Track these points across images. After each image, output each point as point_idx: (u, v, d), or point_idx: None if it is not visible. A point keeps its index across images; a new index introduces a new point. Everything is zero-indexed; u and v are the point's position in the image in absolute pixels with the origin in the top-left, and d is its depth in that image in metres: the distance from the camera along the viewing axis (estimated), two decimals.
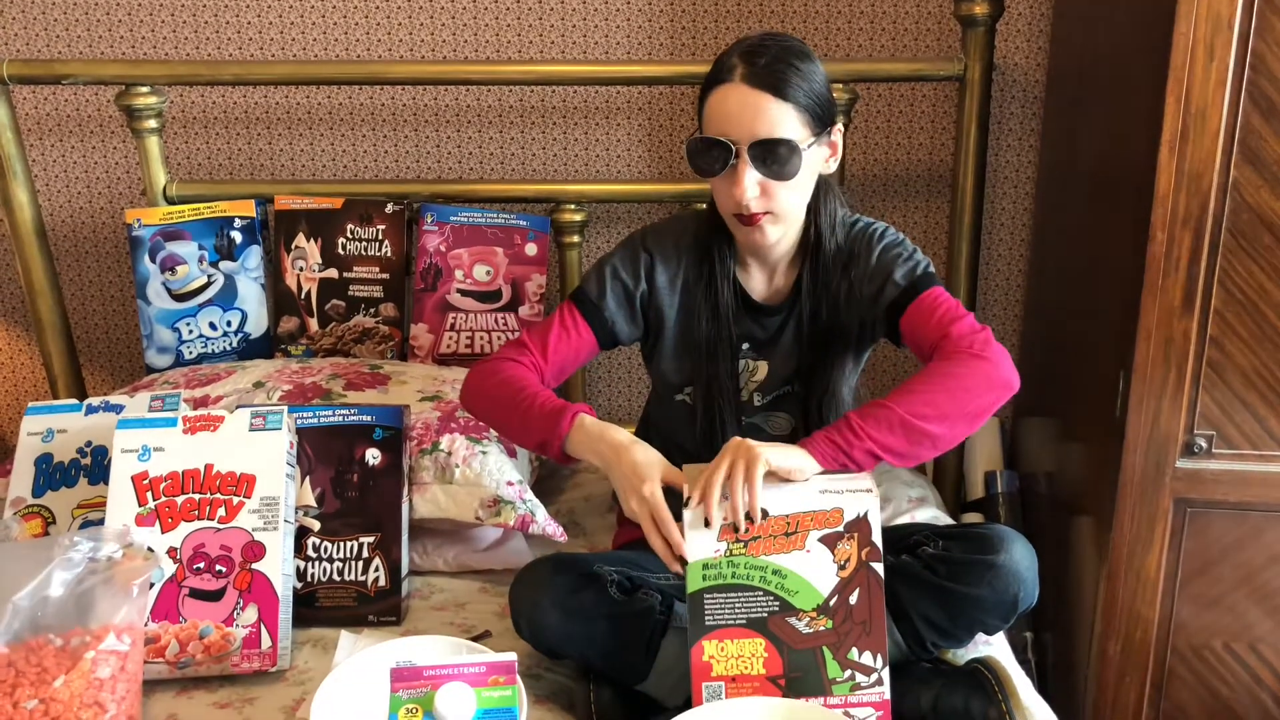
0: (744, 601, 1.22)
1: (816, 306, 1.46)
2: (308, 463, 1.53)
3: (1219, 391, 1.51)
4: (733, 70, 1.34)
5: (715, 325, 1.45)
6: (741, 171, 1.33)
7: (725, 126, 1.33)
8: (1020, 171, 2.08)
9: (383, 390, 1.70)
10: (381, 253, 1.96)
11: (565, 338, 1.45)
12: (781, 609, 1.23)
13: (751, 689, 1.21)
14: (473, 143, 2.13)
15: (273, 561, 1.41)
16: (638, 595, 1.34)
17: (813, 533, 1.23)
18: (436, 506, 1.58)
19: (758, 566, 1.23)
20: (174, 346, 1.95)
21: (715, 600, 1.22)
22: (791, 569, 1.23)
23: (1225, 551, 1.57)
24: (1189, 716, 1.64)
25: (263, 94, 2.11)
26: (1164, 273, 1.46)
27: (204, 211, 1.95)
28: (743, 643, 1.22)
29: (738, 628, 1.22)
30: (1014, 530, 1.35)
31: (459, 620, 1.53)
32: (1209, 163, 1.42)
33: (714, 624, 1.22)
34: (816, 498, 1.24)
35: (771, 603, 1.23)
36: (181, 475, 1.44)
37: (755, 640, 1.22)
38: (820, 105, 1.35)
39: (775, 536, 1.23)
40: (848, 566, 1.23)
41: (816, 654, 1.22)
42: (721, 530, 1.23)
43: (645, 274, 1.47)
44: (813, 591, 1.23)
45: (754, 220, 1.36)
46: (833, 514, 1.24)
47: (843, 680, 1.22)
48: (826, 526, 1.24)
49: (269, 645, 1.39)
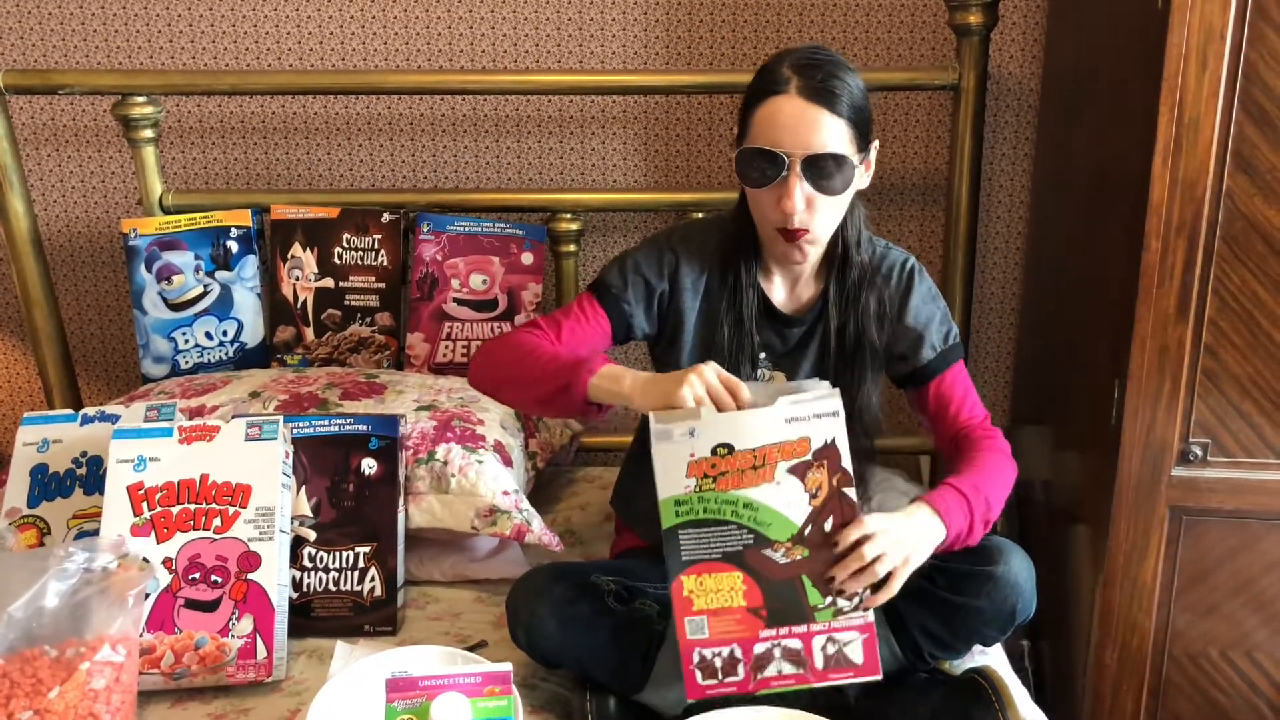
0: (718, 536, 1.22)
1: (844, 322, 1.45)
2: (303, 472, 1.53)
3: (1214, 399, 1.51)
4: (786, 82, 1.31)
5: (738, 333, 1.43)
6: (792, 184, 1.30)
7: (778, 138, 1.31)
8: (1015, 180, 2.09)
9: (379, 399, 1.70)
10: (377, 262, 1.96)
11: (582, 324, 1.43)
12: (756, 542, 1.22)
13: (734, 620, 1.21)
14: (469, 152, 2.13)
15: (268, 572, 1.41)
16: (635, 605, 1.34)
17: (781, 464, 1.22)
18: (432, 516, 1.57)
19: (729, 501, 1.22)
20: (170, 356, 1.94)
21: (689, 536, 1.22)
22: (762, 501, 1.22)
23: (1221, 559, 1.57)
24: None
25: (259, 103, 2.12)
26: (1158, 281, 1.46)
27: (200, 221, 1.95)
28: (720, 576, 1.21)
29: (714, 562, 1.21)
30: (1011, 541, 1.35)
31: (455, 630, 1.53)
32: (1202, 171, 1.42)
33: (690, 559, 1.21)
34: (783, 427, 1.22)
35: (745, 536, 1.22)
36: (177, 485, 1.44)
37: (733, 574, 1.22)
38: (864, 120, 1.35)
39: (743, 470, 1.22)
40: (819, 495, 1.23)
41: (796, 583, 1.22)
42: (690, 467, 1.22)
43: (669, 274, 1.45)
44: (786, 523, 1.22)
45: (797, 236, 1.34)
46: (799, 444, 1.22)
47: (824, 607, 1.22)
48: (795, 457, 1.22)
49: (264, 656, 1.39)
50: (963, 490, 1.32)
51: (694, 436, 1.21)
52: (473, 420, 1.69)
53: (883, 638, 1.32)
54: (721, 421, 1.21)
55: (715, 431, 1.21)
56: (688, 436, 1.21)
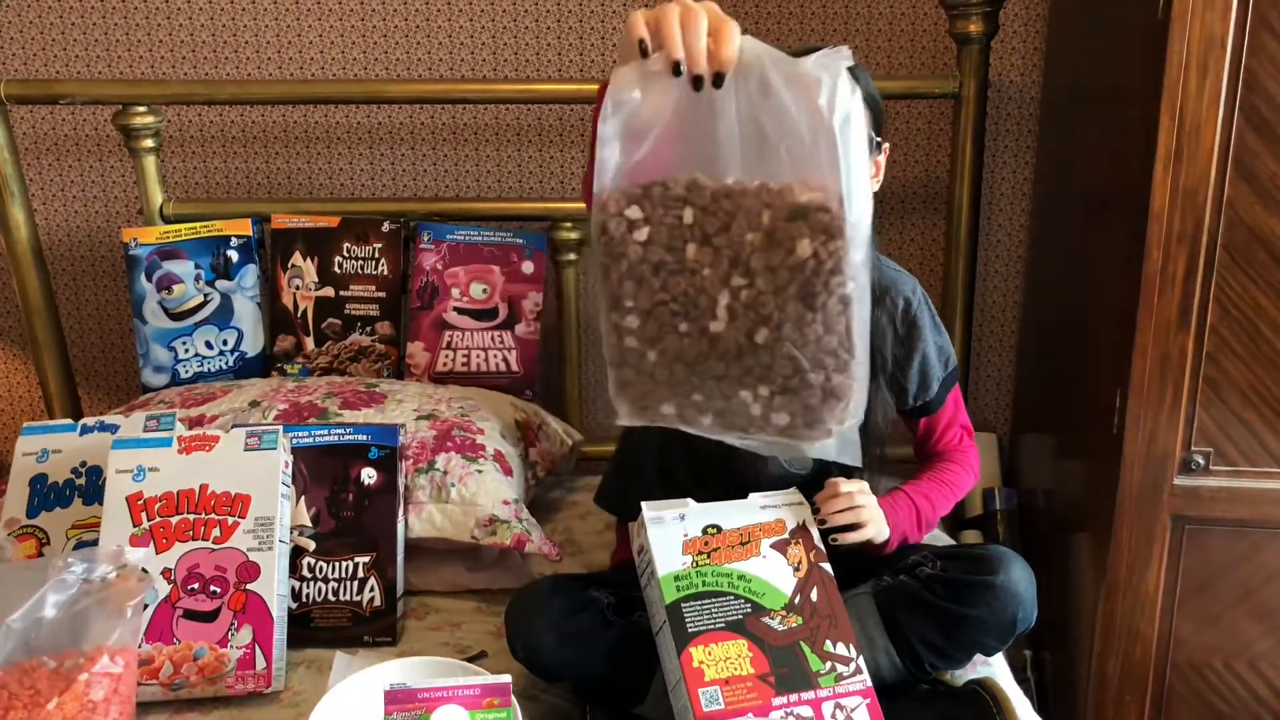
0: (719, 606, 1.27)
1: None
2: (303, 482, 1.53)
3: (1216, 408, 1.50)
4: None
5: None
6: None
7: None
8: (1016, 189, 2.09)
9: (379, 409, 1.70)
10: (378, 271, 1.96)
11: None
12: (754, 610, 1.27)
13: (746, 689, 1.23)
14: (469, 160, 2.13)
15: (267, 582, 1.40)
16: (634, 618, 1.34)
17: (764, 540, 1.33)
18: (432, 526, 1.57)
19: (724, 573, 1.29)
20: (170, 366, 1.94)
21: (692, 608, 1.26)
22: (754, 573, 1.30)
23: (1224, 569, 1.56)
24: None
25: (260, 112, 2.12)
26: (1160, 290, 1.45)
27: (200, 230, 1.95)
28: (727, 645, 1.24)
29: (719, 631, 1.25)
30: (1012, 550, 1.35)
31: (455, 640, 1.52)
32: (1203, 180, 1.41)
33: (696, 630, 1.24)
34: (759, 512, 1.35)
35: (744, 605, 1.27)
36: (176, 495, 1.43)
37: (738, 641, 1.25)
38: (877, 109, 1.34)
39: (732, 546, 1.31)
40: (801, 569, 1.31)
41: (796, 649, 1.26)
42: (685, 545, 1.29)
43: None
44: (777, 593, 1.29)
45: None
46: (776, 524, 1.34)
47: (825, 672, 1.25)
48: (774, 535, 1.34)
49: (264, 667, 1.38)
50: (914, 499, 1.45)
51: (684, 520, 1.31)
52: (473, 430, 1.68)
53: (882, 648, 1.32)
54: (707, 509, 1.33)
55: (703, 517, 1.32)
56: (679, 520, 1.31)
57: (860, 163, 0.89)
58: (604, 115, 0.89)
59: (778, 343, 0.93)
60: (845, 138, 0.88)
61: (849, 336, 0.92)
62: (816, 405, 0.95)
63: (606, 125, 0.89)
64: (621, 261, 0.93)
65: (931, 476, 1.52)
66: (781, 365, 0.94)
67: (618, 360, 0.95)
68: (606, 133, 0.90)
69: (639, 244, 0.93)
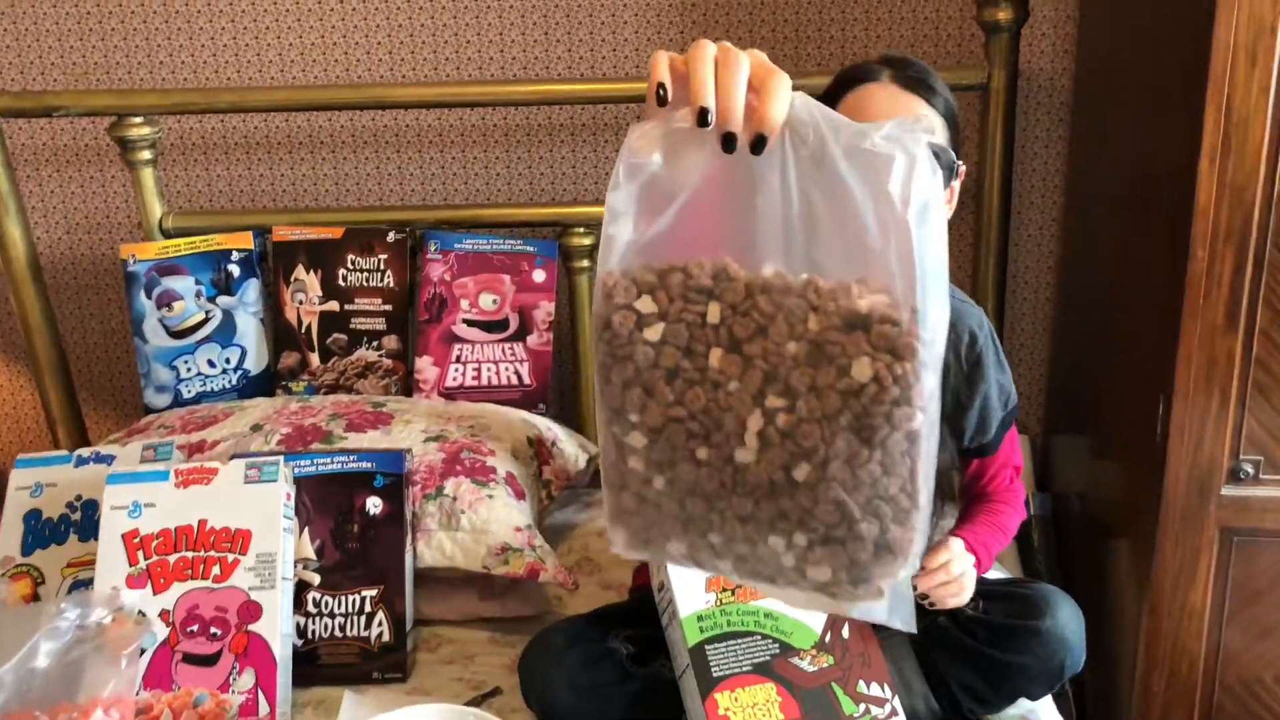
0: (745, 648, 1.20)
1: None
2: (306, 513, 1.47)
3: (1265, 414, 1.42)
4: (879, 72, 1.22)
5: None
6: None
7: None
8: (1047, 181, 2.00)
9: (385, 431, 1.64)
10: (384, 283, 1.90)
11: None
12: (782, 650, 1.20)
13: None
14: (478, 164, 2.06)
15: (270, 622, 1.35)
16: (656, 666, 1.27)
17: None
18: (442, 555, 1.51)
19: (750, 612, 1.22)
20: (172, 385, 1.89)
21: (717, 650, 1.19)
22: (781, 611, 1.22)
23: (1275, 581, 1.48)
24: None
25: (261, 119, 2.05)
26: (1205, 292, 1.37)
27: (200, 245, 1.89)
28: (754, 689, 1.18)
29: (745, 674, 1.18)
30: (1059, 590, 1.28)
31: (467, 676, 1.46)
32: (1253, 175, 1.33)
33: (721, 674, 1.18)
34: None
35: (771, 645, 1.20)
36: (174, 532, 1.38)
37: (766, 685, 1.18)
38: (956, 127, 1.25)
39: None
40: None
41: (828, 691, 1.19)
42: (708, 583, 1.22)
43: None
44: (806, 630, 1.22)
45: None
46: None
47: (859, 716, 1.18)
48: None
49: (267, 712, 1.33)
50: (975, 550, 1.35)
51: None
52: (483, 451, 1.62)
53: (919, 693, 1.25)
54: None
55: None
56: None
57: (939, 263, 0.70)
58: (614, 182, 0.72)
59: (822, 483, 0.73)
60: (922, 234, 0.69)
61: (913, 480, 0.73)
62: (866, 561, 0.75)
63: (617, 195, 0.72)
64: (627, 365, 0.74)
65: (986, 521, 1.42)
66: (825, 511, 0.74)
67: (617, 483, 0.78)
68: (616, 204, 0.72)
69: (650, 345, 0.73)
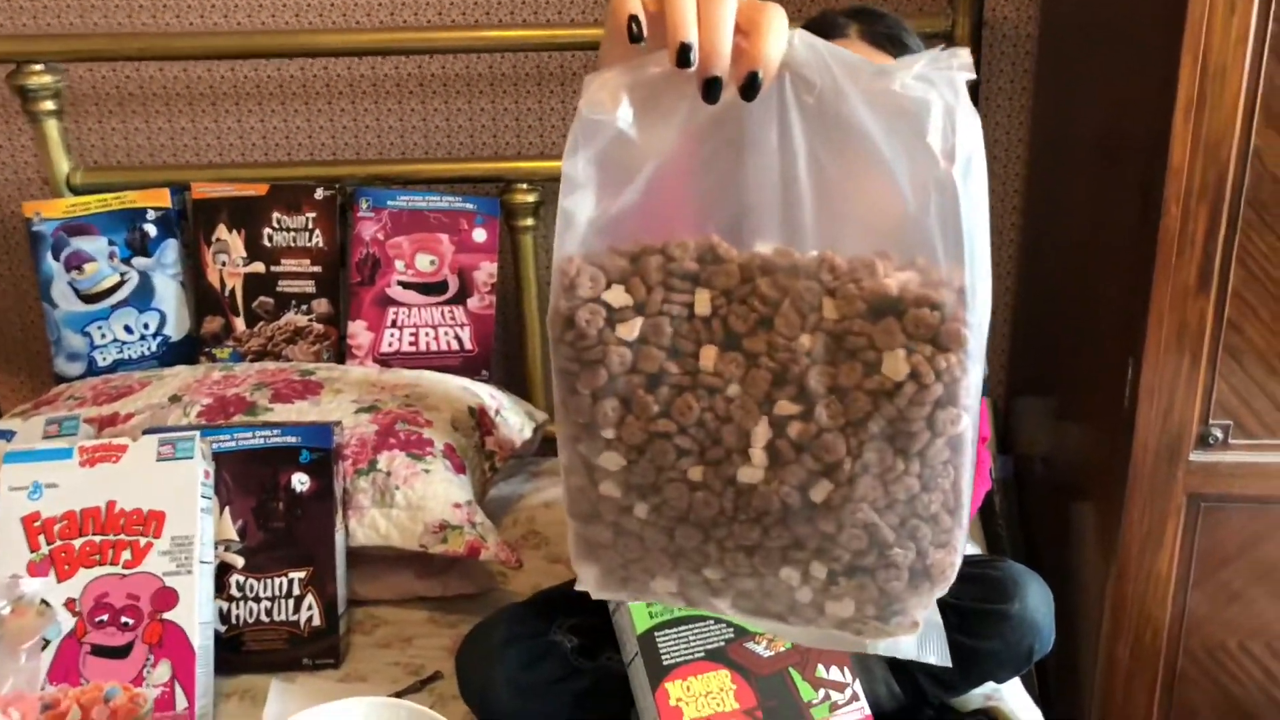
0: (697, 633, 1.13)
1: None
2: (226, 492, 1.37)
3: (1236, 378, 1.38)
4: (846, 26, 1.15)
5: None
6: None
7: None
8: (1011, 135, 1.93)
9: (314, 401, 1.53)
10: (312, 243, 1.79)
11: None
12: (737, 635, 1.14)
13: None
14: (415, 115, 1.94)
15: (187, 609, 1.25)
16: (604, 659, 1.20)
17: None
18: (376, 533, 1.42)
19: None
20: (85, 353, 1.76)
21: (667, 637, 1.13)
22: None
23: (1243, 548, 1.46)
24: (1199, 718, 1.54)
25: (180, 69, 1.91)
26: (1178, 251, 1.32)
27: (112, 203, 1.76)
28: (708, 677, 1.12)
29: (698, 662, 1.12)
30: (1027, 570, 1.22)
31: (405, 660, 1.38)
32: (1228, 129, 1.27)
33: (672, 662, 1.11)
34: None
35: (725, 630, 1.14)
36: (79, 515, 1.27)
37: (720, 673, 1.12)
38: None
39: None
40: None
41: (785, 677, 1.13)
42: None
43: None
44: None
45: None
46: None
47: (819, 702, 1.12)
48: None
49: (185, 706, 1.23)
50: None
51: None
52: (420, 422, 1.52)
53: (881, 679, 1.19)
54: None
55: None
56: None
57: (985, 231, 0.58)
58: (571, 145, 0.58)
59: (847, 504, 0.60)
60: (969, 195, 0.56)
61: (956, 494, 0.60)
62: (899, 592, 0.62)
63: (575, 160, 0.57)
64: (598, 371, 0.58)
65: None
66: (851, 537, 0.60)
67: (586, 512, 0.62)
68: (574, 173, 0.57)
69: (626, 346, 0.58)
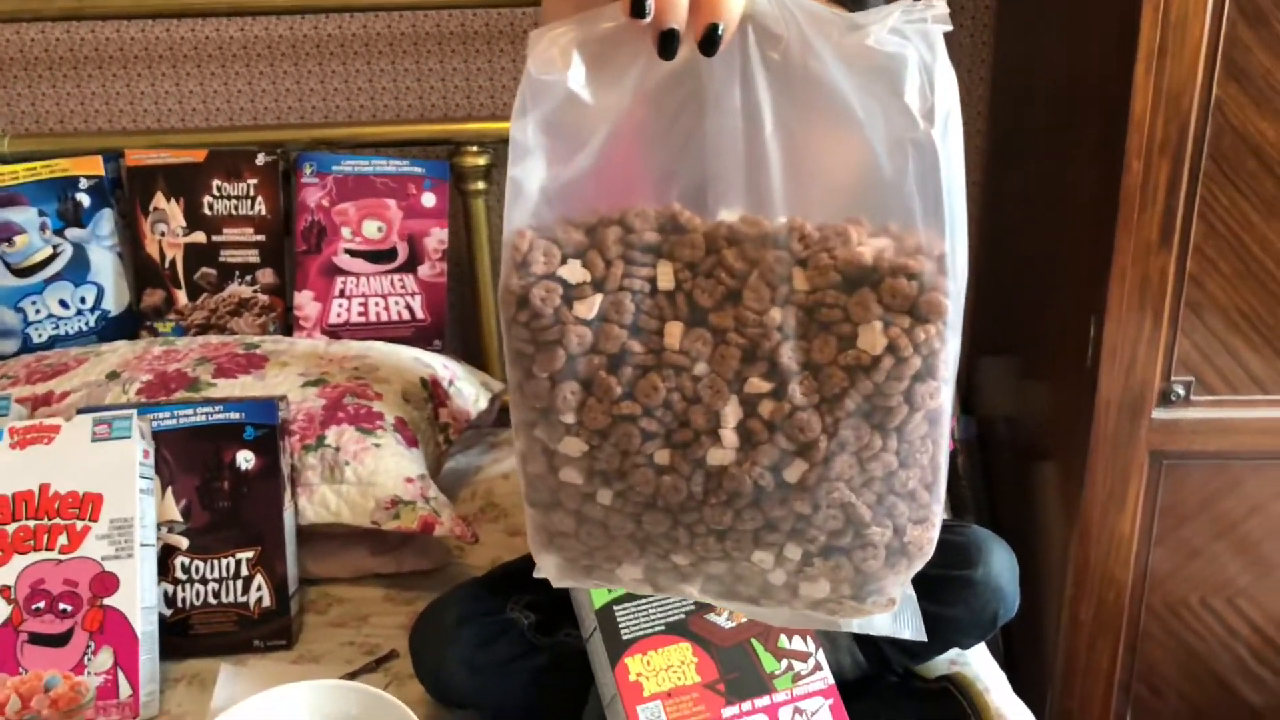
0: (657, 606, 1.11)
1: None
2: (168, 472, 1.32)
3: (1198, 334, 1.38)
4: None
5: None
6: None
7: None
8: (971, 90, 1.89)
9: (259, 376, 1.48)
10: (255, 211, 1.73)
11: None
12: (698, 606, 1.11)
13: (691, 701, 1.08)
14: (360, 76, 1.88)
15: (128, 594, 1.20)
16: (561, 636, 1.17)
17: None
18: (326, 510, 1.38)
19: None
20: (19, 330, 1.70)
21: (626, 610, 1.11)
22: None
23: (1204, 504, 1.46)
24: (1162, 674, 1.56)
25: (113, 29, 1.83)
26: (1140, 206, 1.31)
27: (42, 171, 1.69)
28: (668, 651, 1.10)
29: (658, 635, 1.10)
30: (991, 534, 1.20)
31: (360, 639, 1.34)
32: (1190, 80, 1.25)
33: (632, 636, 1.10)
34: None
35: (685, 602, 1.11)
36: (11, 499, 1.22)
37: (681, 645, 1.10)
38: None
39: None
40: None
41: (746, 648, 1.11)
42: None
43: None
44: None
45: None
46: None
47: (781, 673, 1.10)
48: None
49: (129, 694, 1.19)
50: None
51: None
52: (369, 395, 1.48)
53: (844, 648, 1.18)
54: None
55: None
56: None
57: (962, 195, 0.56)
58: (518, 108, 0.54)
59: (822, 484, 0.58)
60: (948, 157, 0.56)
61: (934, 470, 0.59)
62: (876, 571, 0.61)
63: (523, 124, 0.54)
64: (555, 353, 0.56)
65: None
66: (827, 518, 0.59)
67: (546, 500, 0.59)
68: (522, 137, 0.54)
69: (585, 324, 0.56)
